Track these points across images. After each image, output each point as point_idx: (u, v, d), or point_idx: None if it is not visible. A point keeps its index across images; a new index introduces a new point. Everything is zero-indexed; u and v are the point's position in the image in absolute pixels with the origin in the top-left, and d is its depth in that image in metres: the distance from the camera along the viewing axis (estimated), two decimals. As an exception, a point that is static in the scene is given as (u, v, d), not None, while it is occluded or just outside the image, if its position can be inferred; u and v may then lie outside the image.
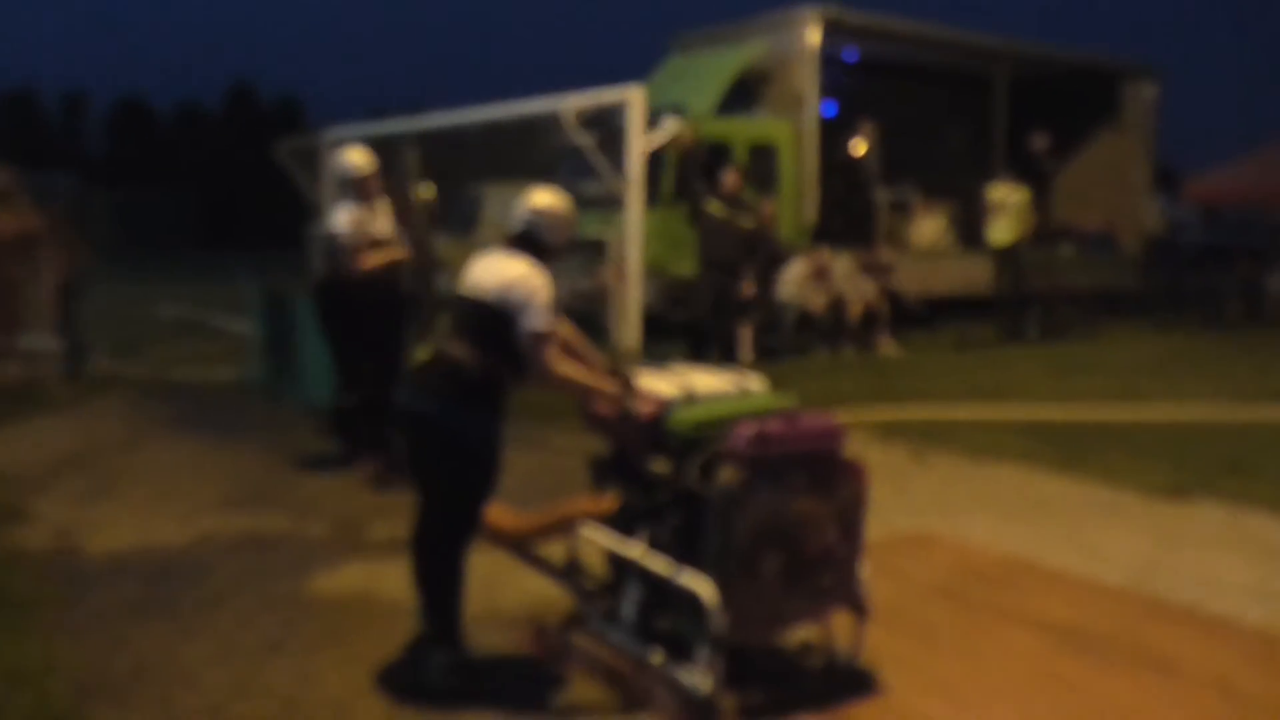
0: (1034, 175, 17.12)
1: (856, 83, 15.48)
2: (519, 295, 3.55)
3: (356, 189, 6.38)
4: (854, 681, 3.62)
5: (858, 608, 3.61)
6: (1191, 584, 4.80)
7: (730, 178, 9.83)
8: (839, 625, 3.70)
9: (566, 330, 3.90)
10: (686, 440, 3.48)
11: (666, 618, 3.56)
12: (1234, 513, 5.93)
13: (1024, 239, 13.95)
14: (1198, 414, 8.74)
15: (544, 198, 3.77)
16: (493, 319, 3.58)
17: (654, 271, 11.52)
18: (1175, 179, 24.89)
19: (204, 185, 39.45)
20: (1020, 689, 3.60)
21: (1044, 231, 17.39)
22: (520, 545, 4.02)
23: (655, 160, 11.56)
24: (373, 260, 6.28)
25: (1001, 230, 13.82)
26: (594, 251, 11.31)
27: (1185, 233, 22.55)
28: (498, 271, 3.64)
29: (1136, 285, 17.62)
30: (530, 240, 3.72)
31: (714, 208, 9.78)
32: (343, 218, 6.30)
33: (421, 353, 3.80)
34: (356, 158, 6.46)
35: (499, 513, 3.84)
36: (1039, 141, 17.18)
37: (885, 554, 4.86)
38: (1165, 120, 18.99)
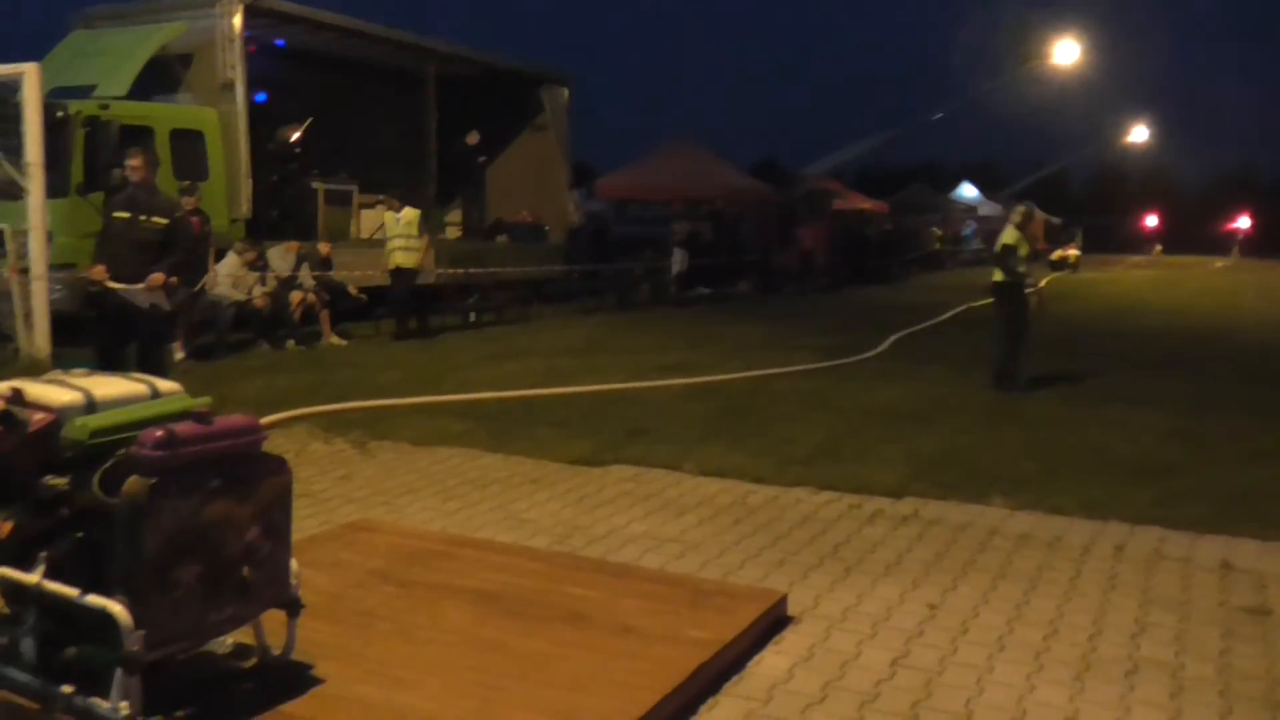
0: (466, 171, 17.99)
1: (291, 73, 15.12)
2: None
3: None
4: (290, 678, 3.54)
5: (289, 604, 3.54)
6: (602, 540, 5.35)
7: (135, 164, 7.70)
8: (274, 624, 3.61)
9: None
10: (85, 451, 3.17)
11: (74, 647, 3.23)
12: (638, 473, 6.69)
13: (423, 264, 13.78)
14: (608, 389, 9.72)
15: None
16: None
17: (65, 268, 10.40)
18: (592, 176, 27.45)
19: None
20: (450, 659, 3.76)
21: (480, 225, 18.35)
22: None
23: (60, 144, 10.41)
24: None
25: (396, 255, 13.49)
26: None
27: (601, 225, 25.00)
28: None
29: (562, 272, 19.19)
30: None
31: (114, 209, 7.77)
32: None
33: None
34: None
35: None
36: (470, 138, 18.08)
37: (325, 545, 4.84)
38: (583, 122, 20.84)
